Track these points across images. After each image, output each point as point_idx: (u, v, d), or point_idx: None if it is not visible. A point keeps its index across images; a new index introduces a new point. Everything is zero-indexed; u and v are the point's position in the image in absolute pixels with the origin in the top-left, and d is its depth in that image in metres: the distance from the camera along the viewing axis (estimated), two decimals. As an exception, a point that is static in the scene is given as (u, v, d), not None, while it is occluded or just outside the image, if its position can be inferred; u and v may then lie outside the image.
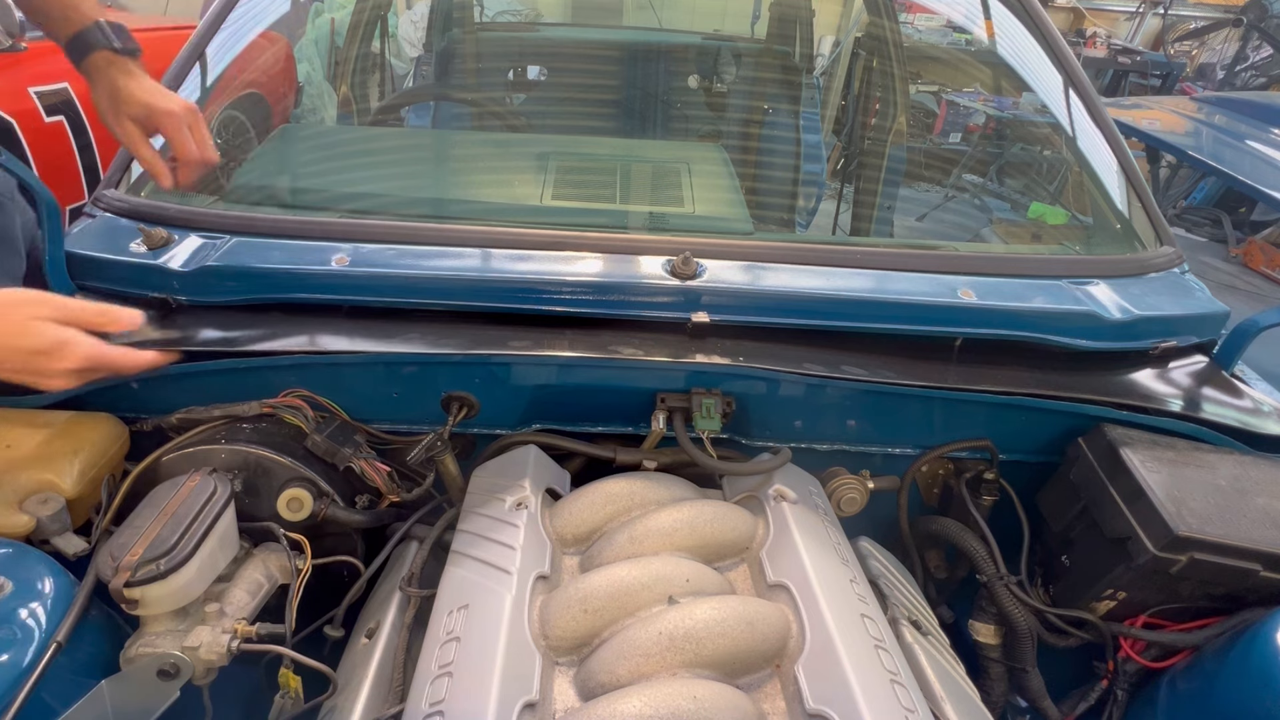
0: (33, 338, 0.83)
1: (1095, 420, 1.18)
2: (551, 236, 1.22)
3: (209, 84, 1.53)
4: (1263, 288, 4.76)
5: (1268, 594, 1.02)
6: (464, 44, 2.65)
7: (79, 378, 0.87)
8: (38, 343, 0.83)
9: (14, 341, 0.83)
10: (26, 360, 0.84)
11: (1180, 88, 6.97)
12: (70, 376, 0.86)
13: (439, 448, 1.14)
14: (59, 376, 0.86)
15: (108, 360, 0.88)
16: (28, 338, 0.83)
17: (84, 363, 0.86)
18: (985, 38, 1.92)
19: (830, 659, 0.78)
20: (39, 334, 0.83)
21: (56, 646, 0.79)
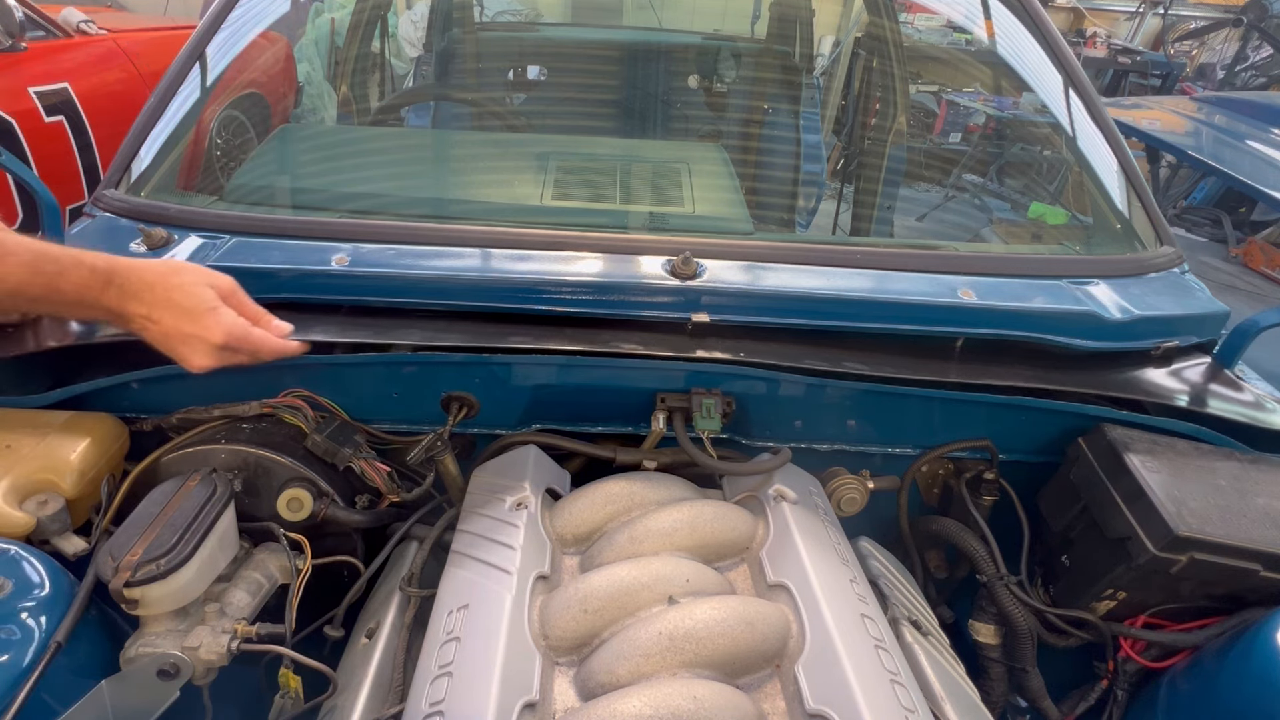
0: (192, 299, 0.86)
1: (1095, 420, 1.18)
2: (551, 236, 1.22)
3: (209, 84, 1.53)
4: (1263, 288, 4.76)
5: (1268, 594, 1.02)
6: (464, 44, 2.65)
7: (219, 355, 0.88)
8: (194, 304, 0.86)
9: (175, 296, 0.86)
10: (179, 320, 0.85)
11: (1180, 88, 6.97)
12: (212, 353, 0.87)
13: (439, 448, 1.14)
14: (202, 350, 0.86)
15: (250, 341, 0.89)
16: (188, 297, 0.86)
17: (227, 337, 0.87)
18: (985, 38, 1.92)
19: (830, 659, 0.78)
20: (198, 297, 0.86)
21: (56, 646, 0.79)
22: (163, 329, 0.86)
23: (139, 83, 3.49)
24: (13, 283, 0.77)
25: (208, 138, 1.74)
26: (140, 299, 0.85)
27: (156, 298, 0.85)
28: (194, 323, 0.86)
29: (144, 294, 0.85)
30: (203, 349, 0.87)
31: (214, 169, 1.78)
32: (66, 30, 3.36)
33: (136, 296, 0.85)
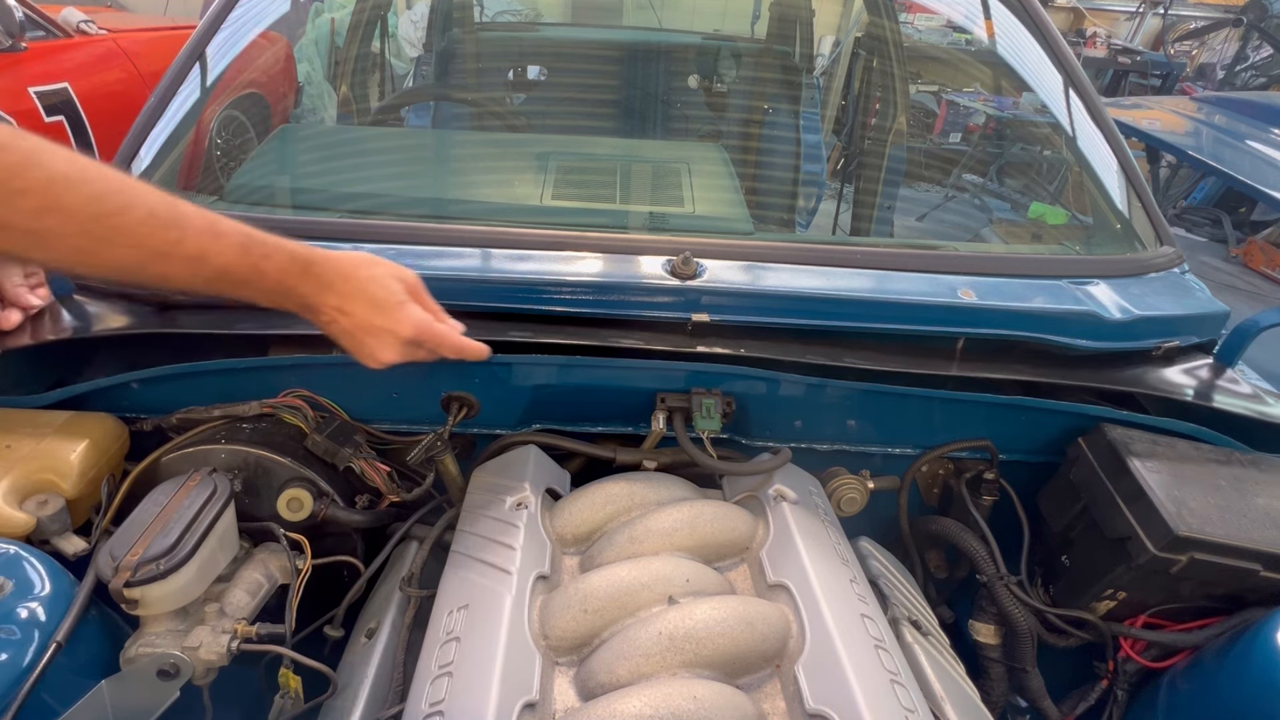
0: (385, 291, 0.87)
1: (1095, 420, 1.18)
2: (551, 236, 1.22)
3: (209, 84, 1.53)
4: (1263, 288, 4.76)
5: (1268, 594, 1.02)
6: (464, 44, 2.65)
7: (404, 350, 0.88)
8: (387, 297, 0.86)
9: (369, 288, 0.86)
10: (370, 313, 0.85)
11: (1180, 88, 6.97)
12: (399, 347, 0.87)
13: (439, 448, 1.14)
14: (389, 343, 0.87)
15: (435, 335, 0.90)
16: (381, 289, 0.86)
17: (416, 331, 0.87)
18: (985, 38, 1.92)
19: (830, 659, 0.78)
20: (390, 290, 0.87)
21: (56, 646, 0.79)
22: (354, 321, 0.86)
23: (139, 83, 3.49)
24: (223, 262, 0.76)
25: (208, 138, 1.73)
26: (334, 289, 0.85)
27: (350, 289, 0.85)
28: (385, 316, 0.86)
29: (339, 284, 0.85)
30: (390, 342, 0.87)
31: (214, 169, 1.78)
32: (66, 30, 3.36)
33: (331, 287, 0.84)
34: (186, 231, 0.73)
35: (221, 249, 0.76)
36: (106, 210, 0.68)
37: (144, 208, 0.70)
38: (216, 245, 0.75)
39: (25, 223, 0.64)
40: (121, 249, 0.69)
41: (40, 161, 0.64)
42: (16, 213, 0.63)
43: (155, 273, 0.73)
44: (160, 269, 0.73)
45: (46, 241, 0.66)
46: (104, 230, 0.68)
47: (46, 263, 0.70)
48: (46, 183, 0.64)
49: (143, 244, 0.70)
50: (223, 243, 0.76)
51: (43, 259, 0.68)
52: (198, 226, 0.74)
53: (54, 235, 0.66)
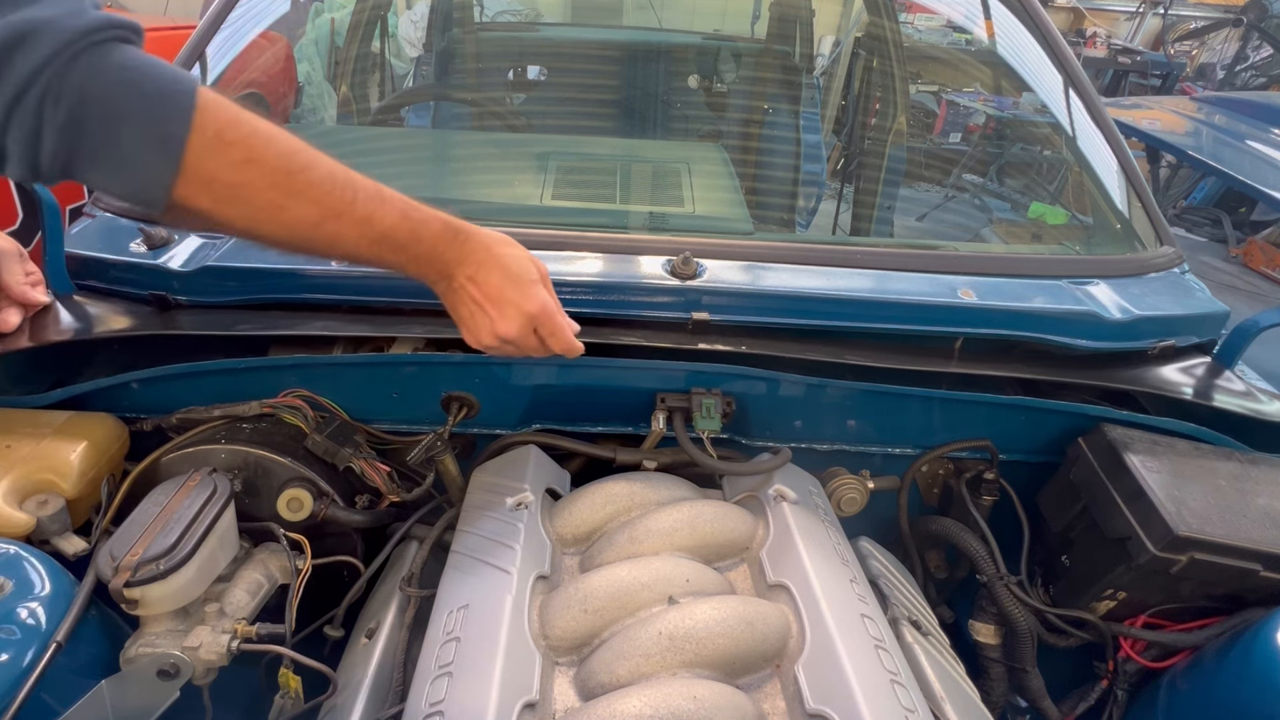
0: (520, 266, 0.90)
1: (1095, 420, 1.18)
2: (551, 236, 1.22)
3: (209, 84, 1.52)
4: (1263, 288, 4.76)
5: (1268, 594, 1.02)
6: (464, 44, 2.65)
7: (522, 328, 0.89)
8: (522, 271, 0.89)
9: (506, 261, 0.88)
10: (504, 283, 0.88)
11: (1180, 88, 6.97)
12: (520, 321, 0.89)
13: (439, 448, 1.14)
14: (512, 316, 0.88)
15: (555, 324, 0.92)
16: (517, 263, 0.89)
17: (541, 309, 0.90)
18: (985, 38, 1.92)
19: (830, 659, 0.78)
20: (526, 268, 0.90)
21: (56, 646, 0.79)
22: (483, 290, 0.87)
23: (139, 83, 3.48)
24: (387, 225, 0.79)
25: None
26: (473, 258, 0.87)
27: (489, 259, 0.88)
28: (517, 289, 0.88)
29: (479, 253, 0.87)
30: (514, 316, 0.88)
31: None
32: (66, 30, 3.35)
33: (472, 255, 0.87)
34: (359, 192, 0.77)
35: (387, 212, 0.79)
36: (297, 166, 0.72)
37: (325, 166, 0.75)
38: (383, 209, 0.79)
39: (230, 175, 0.68)
40: (305, 204, 0.73)
41: (244, 119, 0.69)
42: (225, 165, 0.67)
43: (328, 232, 0.76)
44: (333, 228, 0.76)
45: (244, 195, 0.70)
46: (294, 184, 0.72)
47: (237, 221, 0.72)
48: (250, 136, 0.69)
49: (323, 200, 0.74)
50: (387, 207, 0.79)
51: (236, 215, 0.71)
52: (368, 190, 0.78)
53: (252, 188, 0.70)
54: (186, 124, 0.64)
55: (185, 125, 0.64)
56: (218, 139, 0.66)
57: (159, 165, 0.65)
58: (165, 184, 0.66)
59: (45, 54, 0.58)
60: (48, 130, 0.60)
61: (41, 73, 0.59)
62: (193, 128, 0.65)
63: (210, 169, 0.67)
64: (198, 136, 0.65)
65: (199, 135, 0.65)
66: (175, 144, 0.64)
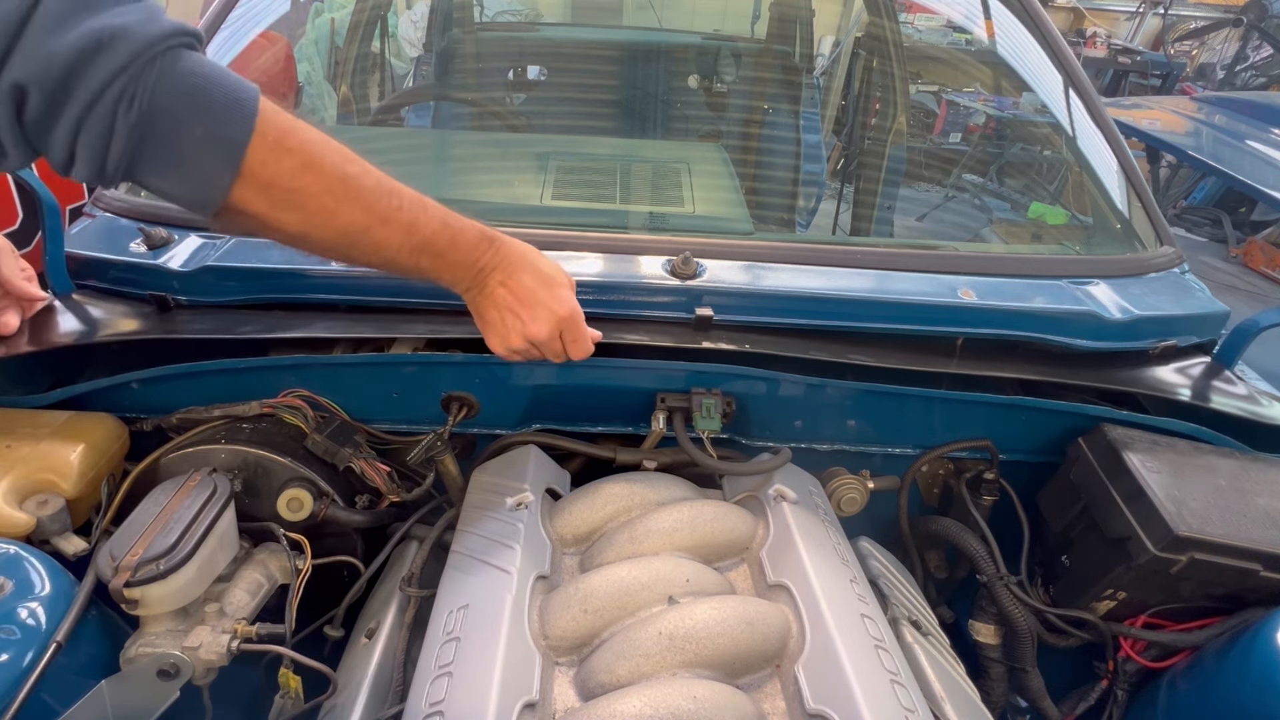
0: (553, 270, 0.94)
1: (1095, 420, 1.18)
2: (552, 236, 1.22)
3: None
4: (1263, 288, 4.76)
5: (1268, 594, 1.02)
6: (464, 44, 2.65)
7: (551, 333, 0.93)
8: (555, 275, 0.94)
9: (539, 263, 0.93)
10: (536, 284, 0.91)
11: (1180, 88, 6.97)
12: (551, 323, 0.92)
13: (439, 448, 1.14)
14: (543, 318, 0.92)
15: (582, 330, 0.96)
16: (550, 267, 0.94)
17: (570, 314, 0.94)
18: (985, 38, 1.92)
19: (830, 659, 0.78)
20: (557, 272, 0.94)
21: (56, 646, 0.79)
22: (514, 293, 0.91)
23: (139, 83, 3.48)
24: (429, 232, 0.82)
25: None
26: (506, 263, 0.90)
27: (522, 263, 0.91)
28: (549, 292, 0.92)
29: (512, 258, 0.90)
30: (545, 318, 0.91)
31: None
32: (66, 30, 3.35)
33: (506, 259, 0.90)
34: (404, 200, 0.79)
35: (429, 220, 0.82)
36: (351, 173, 0.75)
37: (374, 174, 0.77)
38: (425, 216, 0.82)
39: (288, 180, 0.70)
40: (356, 210, 0.76)
41: (301, 127, 0.71)
42: (284, 170, 0.70)
43: (375, 238, 0.78)
44: (380, 234, 0.78)
45: (300, 200, 0.72)
46: (347, 190, 0.75)
47: (292, 224, 0.73)
48: (308, 143, 0.71)
49: (373, 207, 0.77)
50: (429, 214, 0.82)
51: (290, 220, 0.73)
52: (411, 197, 0.81)
53: (307, 194, 0.72)
54: (249, 129, 0.66)
55: (248, 131, 0.66)
56: (278, 145, 0.69)
57: (219, 167, 0.67)
58: (224, 185, 0.67)
59: (123, 59, 0.60)
60: (119, 133, 0.62)
61: (118, 78, 0.60)
62: (254, 133, 0.67)
63: (270, 173, 0.69)
64: (259, 141, 0.67)
65: (260, 140, 0.67)
66: (237, 148, 0.66)
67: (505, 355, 0.96)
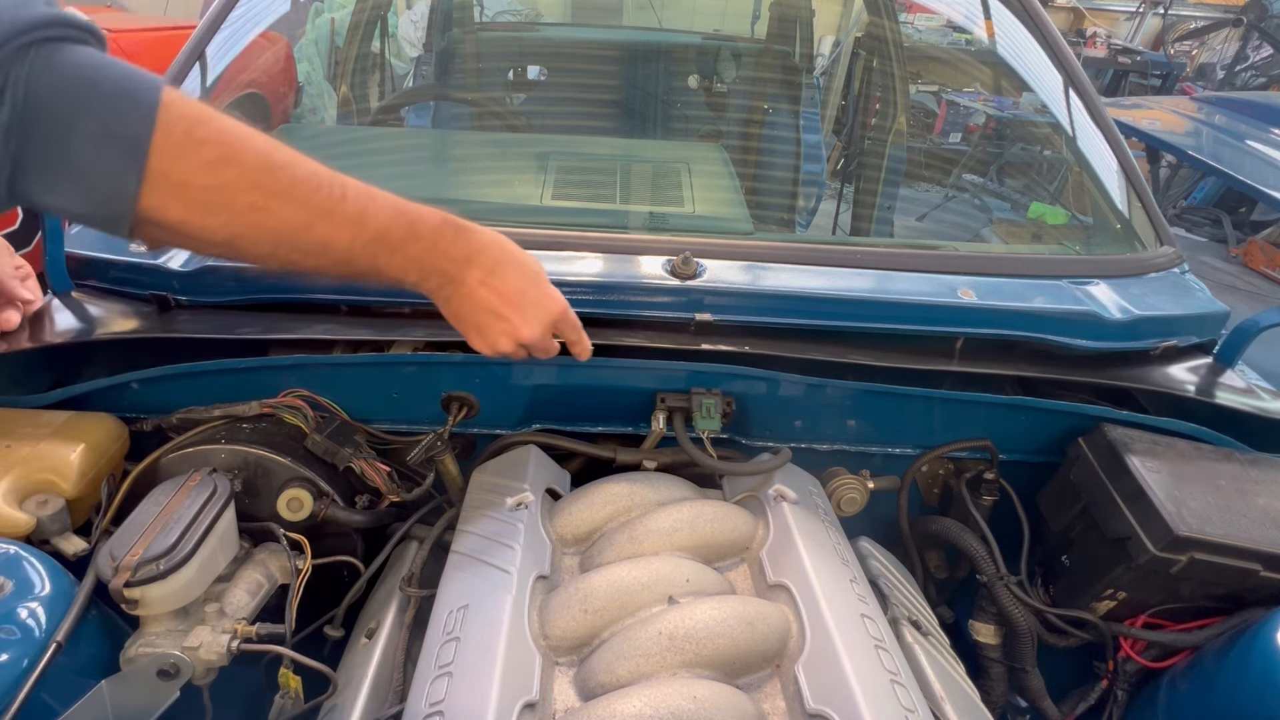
0: (535, 262, 0.87)
1: (1095, 420, 1.18)
2: (551, 236, 1.22)
3: (209, 84, 1.53)
4: (1263, 288, 4.76)
5: (1268, 594, 1.02)
6: (464, 44, 2.65)
7: (544, 332, 0.87)
8: (540, 270, 0.87)
9: (523, 258, 0.85)
10: (523, 282, 0.84)
11: (1180, 88, 6.97)
12: (544, 322, 0.86)
13: (439, 448, 1.14)
14: (535, 318, 0.85)
15: (577, 321, 0.91)
16: (533, 261, 0.87)
17: (563, 310, 0.87)
18: (985, 38, 1.92)
19: (830, 659, 0.78)
20: (539, 266, 0.88)
21: (56, 646, 0.79)
22: (501, 293, 0.82)
23: (139, 83, 3.48)
24: (381, 222, 0.73)
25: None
26: (483, 257, 0.81)
27: (503, 258, 0.83)
28: (538, 288, 0.84)
29: (491, 252, 0.82)
30: (537, 318, 0.84)
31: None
32: (66, 30, 3.35)
33: (483, 252, 0.81)
34: (348, 188, 0.71)
35: (379, 209, 0.73)
36: (278, 162, 0.66)
37: (307, 163, 0.69)
38: (374, 205, 0.73)
39: (205, 177, 0.62)
40: (291, 205, 0.67)
41: (214, 115, 0.63)
42: (198, 166, 0.61)
43: (319, 236, 0.70)
44: (324, 230, 0.70)
45: (222, 199, 0.63)
46: (276, 183, 0.66)
47: (218, 229, 0.65)
48: (223, 133, 0.63)
49: (310, 198, 0.68)
50: (379, 203, 0.73)
51: (214, 224, 0.64)
52: (356, 186, 0.72)
53: (230, 190, 0.63)
54: (150, 123, 0.58)
55: (149, 124, 0.58)
56: (187, 137, 0.60)
57: (121, 170, 0.58)
58: (130, 192, 0.59)
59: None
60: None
61: None
62: (157, 126, 0.58)
63: (182, 172, 0.60)
64: (163, 135, 0.59)
65: (165, 134, 0.59)
66: (138, 145, 0.58)
67: (491, 355, 0.89)
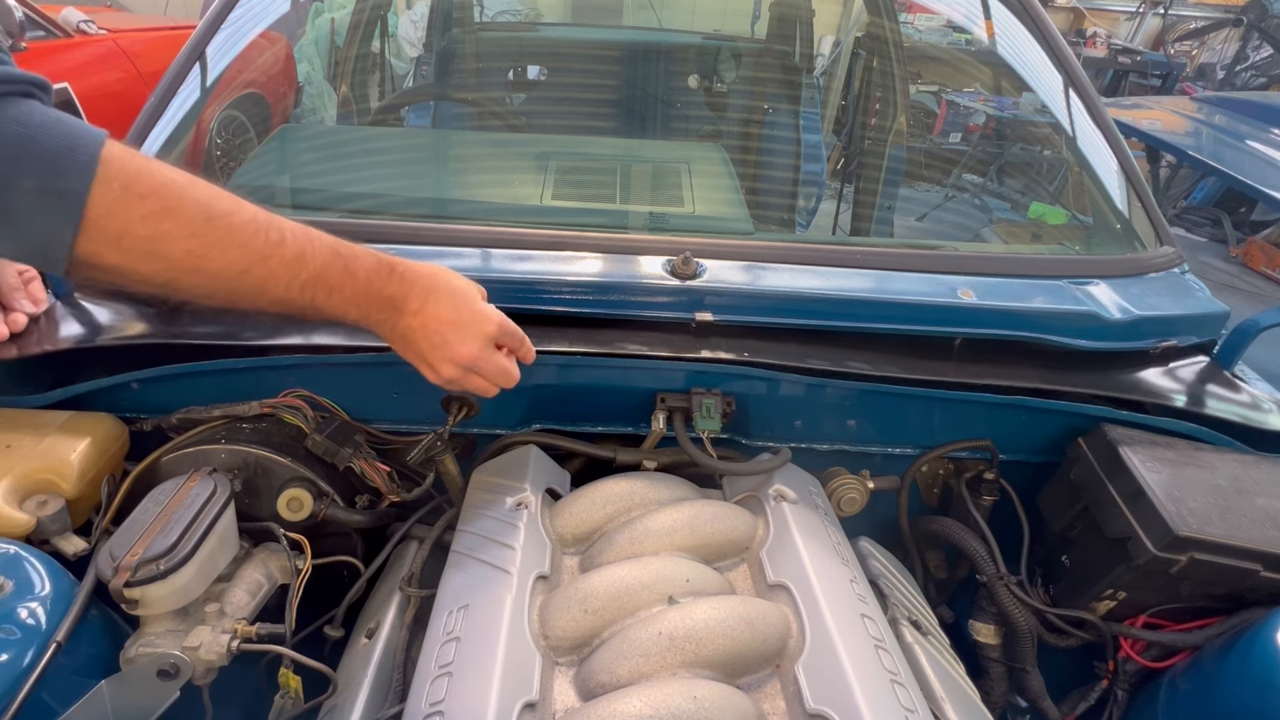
0: (467, 287, 0.89)
1: (1096, 420, 1.18)
2: (552, 236, 1.22)
3: (209, 84, 1.53)
4: (1263, 288, 4.76)
5: (1268, 594, 1.02)
6: (464, 44, 2.65)
7: (484, 349, 0.88)
8: (471, 291, 0.89)
9: (453, 283, 0.87)
10: (455, 308, 0.86)
11: (1180, 88, 6.97)
12: (480, 341, 0.87)
13: (439, 448, 1.14)
14: (472, 338, 0.87)
15: (518, 334, 0.92)
16: (463, 285, 0.88)
17: (499, 327, 0.89)
18: (985, 38, 1.92)
19: (830, 659, 0.78)
20: (471, 288, 0.89)
21: (56, 646, 0.79)
22: (435, 321, 0.85)
23: (139, 83, 3.49)
24: (319, 264, 0.76)
25: (208, 138, 1.74)
26: (417, 289, 0.84)
27: (434, 285, 0.85)
28: (470, 309, 0.87)
29: (423, 282, 0.85)
30: (472, 336, 0.86)
31: (214, 169, 1.78)
32: (66, 30, 3.36)
33: (415, 285, 0.84)
34: (285, 233, 0.75)
35: (317, 251, 0.77)
36: (216, 212, 0.69)
37: (248, 211, 0.72)
38: (312, 248, 0.76)
39: (144, 228, 0.65)
40: (229, 251, 0.71)
41: (155, 169, 0.66)
42: (136, 218, 0.64)
43: (256, 278, 0.73)
44: (261, 272, 0.73)
45: (161, 248, 0.67)
46: (215, 231, 0.69)
47: (156, 274, 0.69)
48: (163, 187, 0.66)
49: (248, 244, 0.72)
50: (317, 245, 0.77)
51: (154, 270, 0.68)
52: (294, 230, 0.76)
53: (169, 239, 0.67)
54: (88, 179, 0.61)
55: (86, 180, 0.61)
56: (126, 192, 0.63)
57: (57, 222, 0.61)
58: (65, 242, 0.62)
59: None
60: None
61: None
62: (95, 181, 0.62)
63: (119, 224, 0.64)
64: (101, 190, 0.62)
65: (103, 189, 0.62)
66: (74, 199, 0.61)
67: (445, 385, 0.91)
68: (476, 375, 0.90)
